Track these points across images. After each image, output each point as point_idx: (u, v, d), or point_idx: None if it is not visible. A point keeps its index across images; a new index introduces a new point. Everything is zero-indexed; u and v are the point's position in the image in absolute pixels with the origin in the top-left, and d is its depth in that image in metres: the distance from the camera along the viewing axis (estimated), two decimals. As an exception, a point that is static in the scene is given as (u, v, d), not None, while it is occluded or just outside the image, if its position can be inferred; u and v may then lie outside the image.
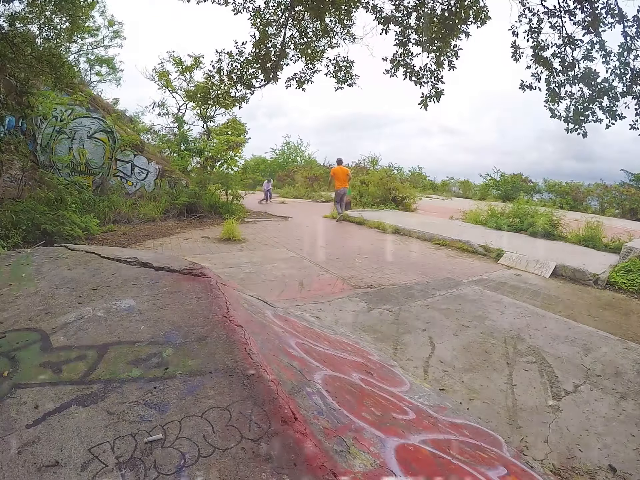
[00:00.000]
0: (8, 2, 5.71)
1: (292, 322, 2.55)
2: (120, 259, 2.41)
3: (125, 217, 8.80)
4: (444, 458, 1.47)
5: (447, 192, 27.39)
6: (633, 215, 16.74)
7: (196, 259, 5.17)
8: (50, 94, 8.11)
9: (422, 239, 8.72)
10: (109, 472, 0.98)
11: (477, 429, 2.03)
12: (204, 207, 10.33)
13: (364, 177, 17.07)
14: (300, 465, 1.04)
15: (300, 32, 5.92)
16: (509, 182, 22.90)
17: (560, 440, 2.15)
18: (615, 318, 4.32)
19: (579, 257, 6.69)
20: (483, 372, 2.86)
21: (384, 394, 1.94)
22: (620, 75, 4.38)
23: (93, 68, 19.04)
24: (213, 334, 1.55)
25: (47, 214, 6.34)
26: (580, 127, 4.71)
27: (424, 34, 5.16)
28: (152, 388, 1.26)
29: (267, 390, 1.27)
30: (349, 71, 6.19)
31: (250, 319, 1.92)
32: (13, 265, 2.45)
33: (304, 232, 9.18)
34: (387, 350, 3.10)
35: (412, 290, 4.78)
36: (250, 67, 5.88)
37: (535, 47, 4.77)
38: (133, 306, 1.77)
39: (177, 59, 14.77)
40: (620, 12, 4.26)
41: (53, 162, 8.91)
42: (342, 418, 1.39)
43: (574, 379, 2.80)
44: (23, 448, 1.04)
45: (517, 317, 4.01)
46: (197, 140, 14.86)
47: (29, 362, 1.39)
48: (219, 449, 1.06)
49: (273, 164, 29.72)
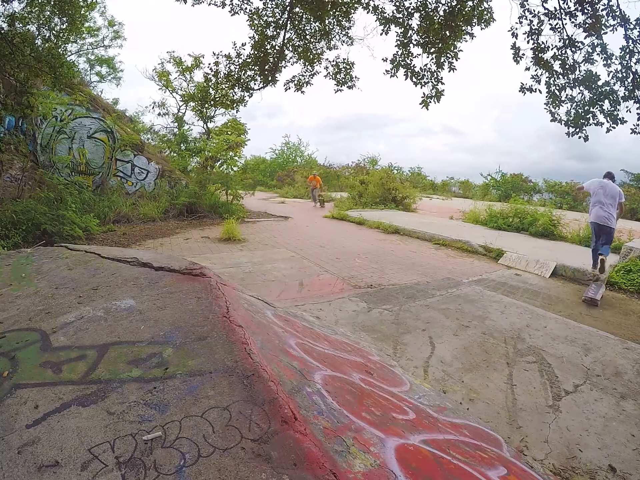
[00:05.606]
0: (7, 2, 5.71)
1: (292, 322, 2.55)
2: (120, 259, 2.40)
3: (125, 217, 8.79)
4: (444, 458, 1.47)
5: (447, 192, 27.43)
6: (633, 215, 16.76)
7: (196, 259, 5.16)
8: (50, 94, 8.10)
9: (422, 239, 8.73)
10: (109, 472, 0.98)
11: (477, 429, 2.03)
12: (204, 207, 10.33)
13: (364, 177, 17.07)
14: (300, 465, 1.04)
15: (299, 34, 5.92)
16: (509, 182, 22.92)
17: (560, 440, 2.15)
18: (615, 318, 4.32)
19: (579, 257, 6.70)
20: (483, 372, 2.86)
21: (384, 394, 1.94)
22: (621, 78, 4.36)
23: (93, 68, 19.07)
24: (213, 334, 1.55)
25: (47, 214, 6.34)
26: (580, 130, 4.69)
27: (425, 35, 5.15)
28: (152, 388, 1.26)
29: (267, 390, 1.27)
30: (348, 73, 6.18)
31: (250, 319, 1.92)
32: (13, 265, 2.45)
33: (304, 232, 9.18)
34: (387, 350, 3.10)
35: (412, 290, 4.78)
36: (249, 70, 5.87)
37: (536, 49, 4.75)
38: (133, 306, 1.77)
39: (177, 59, 14.78)
40: (622, 14, 4.24)
41: (53, 162, 8.90)
42: (342, 418, 1.39)
43: (574, 379, 2.81)
44: (23, 448, 1.04)
45: (517, 317, 4.01)
46: (197, 140, 14.86)
47: (29, 362, 1.39)
48: (219, 449, 1.06)
49: (273, 164, 29.71)
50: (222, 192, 11.20)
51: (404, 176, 25.13)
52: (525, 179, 23.38)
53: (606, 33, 4.39)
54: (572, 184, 21.18)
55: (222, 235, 7.65)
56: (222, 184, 11.07)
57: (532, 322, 3.88)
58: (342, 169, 27.94)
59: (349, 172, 26.44)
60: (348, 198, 16.32)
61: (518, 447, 2.07)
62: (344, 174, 26.47)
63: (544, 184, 22.72)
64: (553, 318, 4.06)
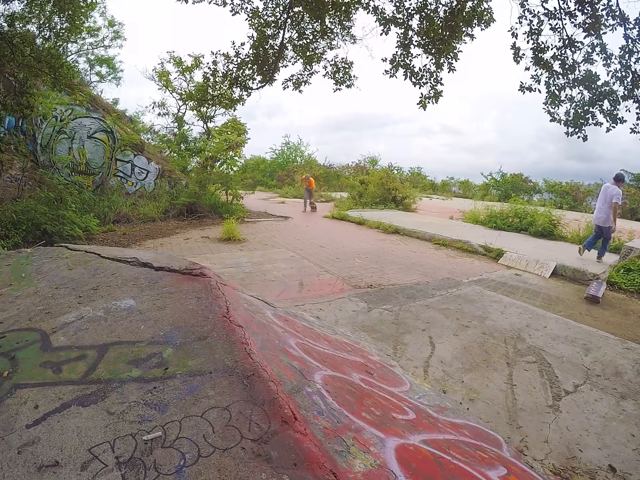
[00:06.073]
0: (7, 2, 5.71)
1: (292, 322, 2.55)
2: (120, 259, 2.40)
3: (125, 217, 8.79)
4: (444, 458, 1.47)
5: (447, 192, 27.46)
6: (633, 215, 16.78)
7: (196, 259, 5.16)
8: (50, 94, 8.10)
9: (422, 239, 8.73)
10: (109, 472, 0.98)
11: (477, 429, 2.03)
12: (204, 207, 10.33)
13: (364, 177, 17.07)
14: (300, 465, 1.04)
15: (300, 33, 5.92)
16: (509, 182, 22.94)
17: (560, 440, 2.15)
18: (615, 318, 4.32)
19: (579, 257, 6.70)
20: (483, 372, 2.86)
21: (384, 394, 1.94)
22: (621, 78, 4.36)
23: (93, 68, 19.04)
24: (213, 334, 1.55)
25: (47, 214, 6.34)
26: (580, 130, 4.70)
27: (425, 36, 5.15)
28: (152, 388, 1.26)
29: (267, 390, 1.27)
30: (347, 72, 6.18)
31: (250, 319, 1.92)
32: (13, 265, 2.45)
33: (304, 232, 9.19)
34: (387, 350, 3.10)
35: (412, 290, 4.78)
36: (247, 69, 5.87)
37: (535, 49, 4.76)
38: (133, 306, 1.77)
39: (177, 59, 14.76)
40: (622, 14, 4.24)
41: (53, 162, 8.91)
42: (342, 418, 1.39)
43: (574, 379, 2.81)
44: (23, 448, 1.04)
45: (517, 317, 4.01)
46: (197, 140, 14.85)
47: (29, 362, 1.39)
48: (219, 449, 1.06)
49: (273, 164, 29.70)
50: (222, 192, 11.20)
51: (404, 176, 25.14)
52: (525, 179, 23.41)
53: (605, 33, 4.40)
54: (572, 184, 21.21)
55: (222, 235, 7.65)
56: (222, 184, 11.07)
57: (532, 322, 3.88)
58: (342, 169, 27.96)
59: (349, 172, 26.45)
60: (348, 198, 16.33)
61: (518, 447, 2.07)
62: (344, 174, 26.48)
63: (544, 184, 22.75)
64: (553, 318, 4.06)
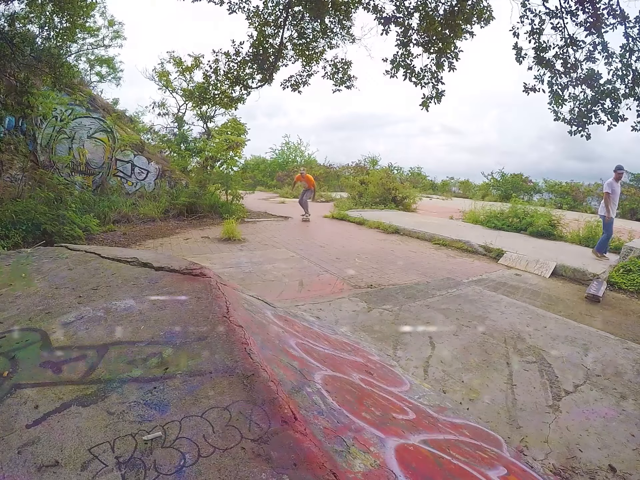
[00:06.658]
0: (7, 2, 5.70)
1: (292, 322, 2.55)
2: (120, 259, 2.40)
3: (125, 217, 8.79)
4: (444, 458, 1.47)
5: (447, 192, 27.46)
6: (633, 215, 16.78)
7: (196, 259, 5.16)
8: (50, 94, 8.10)
9: (422, 239, 8.73)
10: (109, 472, 0.98)
11: (477, 429, 2.03)
12: (204, 207, 10.33)
13: (364, 177, 17.07)
14: (300, 465, 1.04)
15: (299, 33, 5.92)
16: (509, 182, 22.94)
17: (560, 440, 2.15)
18: (615, 318, 4.32)
19: (579, 257, 6.70)
20: (483, 372, 2.86)
21: (384, 394, 1.94)
22: (622, 76, 4.37)
23: (93, 68, 18.99)
24: (213, 334, 1.55)
25: (47, 214, 6.34)
26: (583, 129, 4.71)
27: (425, 35, 5.15)
28: (152, 388, 1.26)
29: (267, 390, 1.27)
30: (346, 72, 6.17)
31: (250, 319, 1.92)
32: (13, 265, 2.45)
33: (304, 232, 9.19)
34: (387, 350, 3.10)
35: (412, 290, 4.78)
36: (248, 68, 5.87)
37: (537, 48, 4.76)
38: (133, 306, 1.77)
39: (177, 59, 14.74)
40: (622, 12, 4.25)
41: (53, 162, 8.90)
42: (342, 418, 1.39)
43: (574, 379, 2.80)
44: (23, 448, 1.04)
45: (517, 317, 4.01)
46: (197, 140, 14.84)
47: (29, 362, 1.39)
48: (219, 449, 1.06)
49: (273, 164, 29.69)
50: (222, 192, 11.20)
51: (404, 176, 25.17)
52: (526, 179, 23.41)
53: (607, 31, 4.41)
54: (572, 184, 21.21)
55: (222, 235, 7.65)
56: (222, 184, 11.07)
57: (532, 322, 3.88)
58: (342, 169, 27.94)
59: (349, 172, 26.43)
60: (348, 198, 16.32)
61: (518, 447, 2.06)
62: (344, 174, 26.46)
63: (544, 184, 22.76)
64: (553, 318, 4.06)
